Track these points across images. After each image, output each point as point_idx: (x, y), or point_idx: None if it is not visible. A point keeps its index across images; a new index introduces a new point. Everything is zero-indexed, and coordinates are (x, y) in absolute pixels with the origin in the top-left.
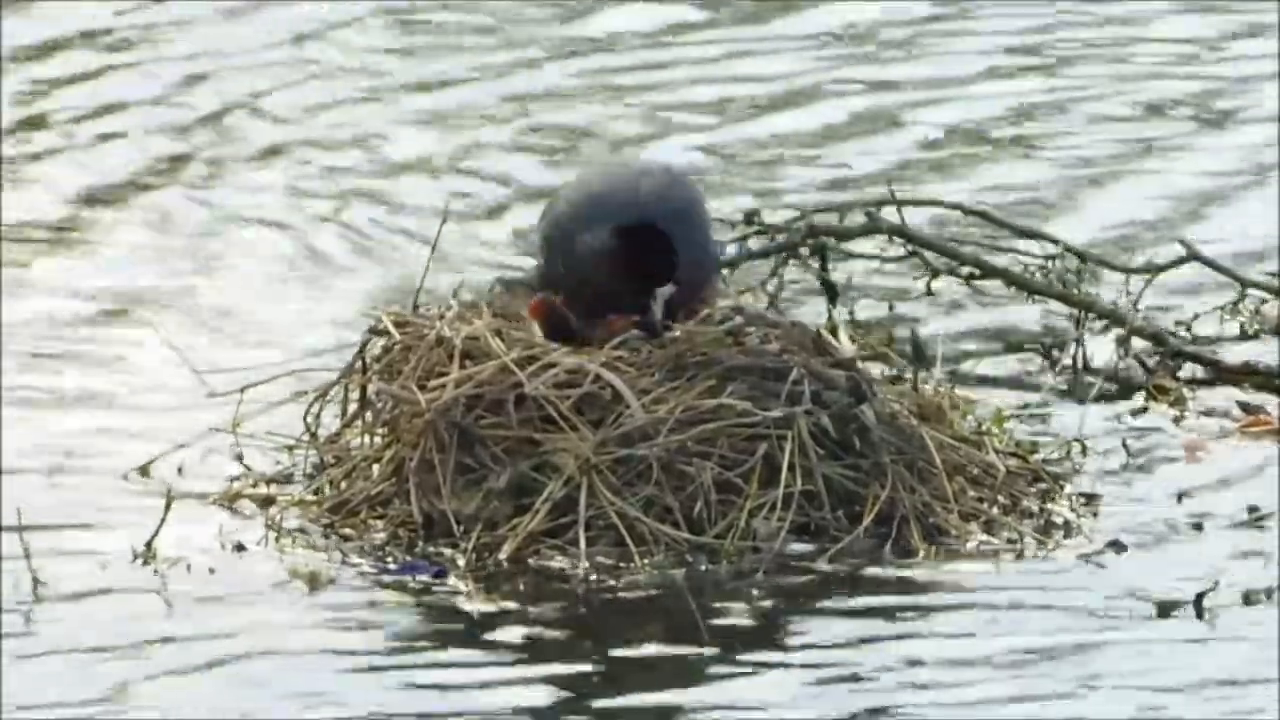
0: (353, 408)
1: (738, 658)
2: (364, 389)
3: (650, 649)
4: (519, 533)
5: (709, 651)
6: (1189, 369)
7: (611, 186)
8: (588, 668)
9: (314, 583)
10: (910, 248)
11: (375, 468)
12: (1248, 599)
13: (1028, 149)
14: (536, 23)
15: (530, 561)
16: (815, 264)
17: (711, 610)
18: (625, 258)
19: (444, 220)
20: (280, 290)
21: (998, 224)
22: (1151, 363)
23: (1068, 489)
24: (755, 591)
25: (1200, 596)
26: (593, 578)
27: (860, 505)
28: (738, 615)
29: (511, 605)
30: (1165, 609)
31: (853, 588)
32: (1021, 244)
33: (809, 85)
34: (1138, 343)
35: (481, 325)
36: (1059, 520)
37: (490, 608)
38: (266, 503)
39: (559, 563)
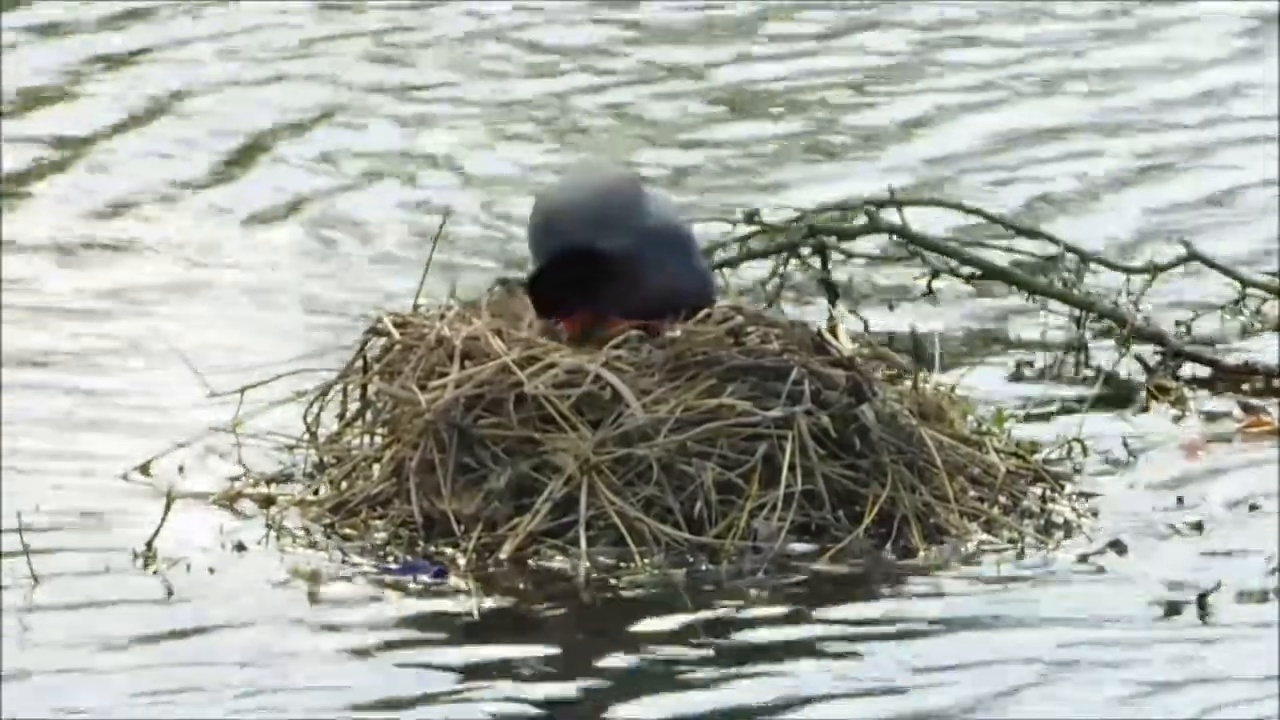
0: (353, 408)
1: (736, 658)
2: (364, 389)
3: (649, 649)
4: (519, 533)
5: (707, 652)
6: (1189, 369)
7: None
8: (588, 668)
9: (314, 583)
10: (910, 248)
11: (375, 468)
12: (1242, 599)
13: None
14: None
15: (530, 561)
16: (816, 264)
17: (711, 610)
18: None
19: (444, 221)
20: (282, 288)
21: (998, 223)
22: (1151, 363)
23: (1068, 489)
24: (755, 591)
25: (1203, 597)
26: (593, 577)
27: (860, 505)
28: (737, 615)
29: (511, 605)
30: (1167, 610)
31: (852, 587)
32: (1021, 244)
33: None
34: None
35: (481, 325)
36: (1059, 520)
37: (490, 608)
38: (266, 503)
39: (559, 562)
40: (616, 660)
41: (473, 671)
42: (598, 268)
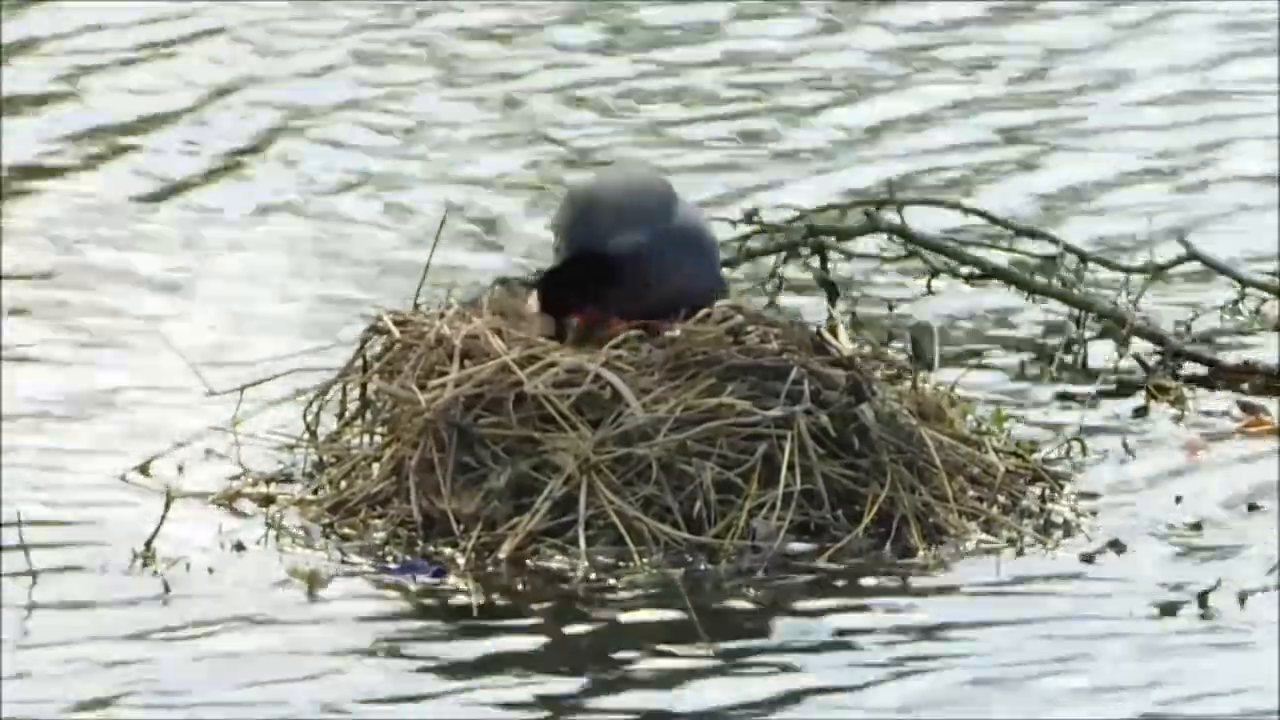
0: (353, 407)
1: (736, 657)
2: (364, 388)
3: (649, 648)
4: (519, 532)
5: (707, 651)
6: (1189, 369)
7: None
8: (586, 666)
9: (314, 582)
10: (910, 248)
11: (375, 467)
12: (1242, 600)
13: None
14: None
15: (530, 561)
16: (815, 264)
17: (711, 610)
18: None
19: (444, 220)
20: (283, 286)
21: (998, 223)
22: (1151, 363)
23: (1068, 488)
24: (755, 591)
25: (1203, 596)
26: (592, 577)
27: (860, 505)
28: (737, 615)
29: (511, 604)
30: (1167, 609)
31: (852, 587)
32: (1021, 243)
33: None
34: (1138, 343)
35: (481, 324)
36: (1059, 520)
37: (489, 607)
38: (266, 502)
39: (559, 562)
40: (615, 659)
41: (470, 669)
42: (606, 270)
